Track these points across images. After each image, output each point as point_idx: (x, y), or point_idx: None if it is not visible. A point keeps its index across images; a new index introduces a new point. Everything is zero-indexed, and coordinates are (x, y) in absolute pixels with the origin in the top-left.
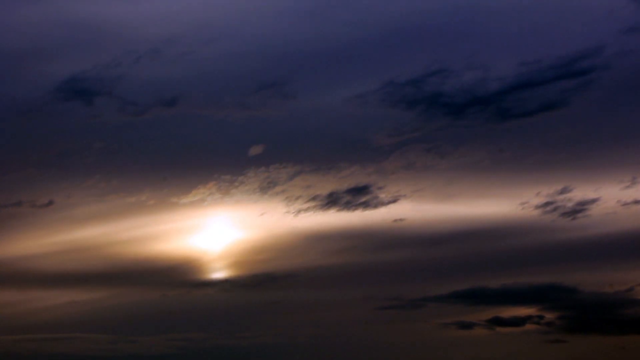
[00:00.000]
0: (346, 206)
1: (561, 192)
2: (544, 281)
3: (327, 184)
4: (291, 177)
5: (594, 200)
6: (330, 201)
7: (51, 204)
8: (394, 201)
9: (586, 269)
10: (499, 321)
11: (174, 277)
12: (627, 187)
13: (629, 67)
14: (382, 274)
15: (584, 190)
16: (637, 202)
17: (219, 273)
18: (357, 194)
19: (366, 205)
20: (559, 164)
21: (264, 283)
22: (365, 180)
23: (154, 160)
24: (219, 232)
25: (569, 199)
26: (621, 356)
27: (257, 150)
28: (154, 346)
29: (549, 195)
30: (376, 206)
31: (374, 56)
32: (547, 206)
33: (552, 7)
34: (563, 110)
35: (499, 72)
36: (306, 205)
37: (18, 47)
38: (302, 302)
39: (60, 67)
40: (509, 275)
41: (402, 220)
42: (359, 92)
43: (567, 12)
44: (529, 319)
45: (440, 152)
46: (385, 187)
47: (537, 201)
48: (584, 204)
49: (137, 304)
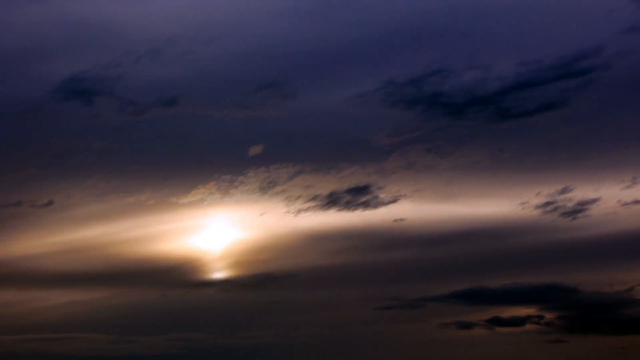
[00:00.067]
0: (346, 206)
1: (561, 192)
2: (544, 281)
3: (327, 184)
4: (291, 177)
5: (594, 200)
6: (330, 201)
7: (51, 204)
8: (394, 201)
9: (586, 269)
10: (498, 321)
11: (174, 277)
12: (627, 187)
13: (629, 67)
14: (382, 274)
15: (584, 190)
16: (638, 202)
17: (219, 273)
18: (357, 194)
19: (366, 205)
20: (559, 164)
21: (264, 283)
22: (365, 180)
23: (154, 160)
24: (219, 232)
25: (569, 199)
26: (621, 356)
27: (257, 150)
28: (154, 346)
29: (549, 195)
30: (376, 206)
31: (373, 56)
32: (547, 206)
33: (552, 7)
34: (563, 110)
35: (498, 72)
36: (306, 205)
37: (18, 47)
38: (302, 302)
39: (60, 67)
40: (509, 275)
41: (402, 220)
42: (358, 92)
43: (567, 12)
44: (529, 319)
45: (440, 152)
46: (386, 187)
47: (537, 201)
48: (584, 204)
49: (137, 304)
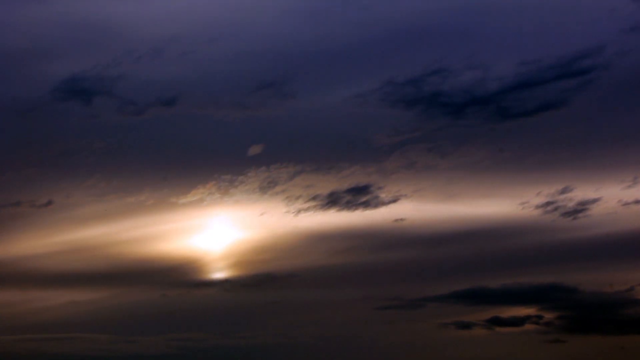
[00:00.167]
0: (347, 206)
1: (562, 192)
2: (544, 281)
3: (328, 184)
4: (291, 177)
5: (594, 200)
6: (330, 201)
7: (50, 203)
8: (395, 201)
9: (586, 269)
10: (498, 321)
11: (174, 277)
12: (628, 187)
13: (629, 66)
14: (382, 274)
15: (584, 190)
16: (638, 202)
17: (219, 273)
18: (357, 193)
19: (367, 205)
20: (560, 163)
21: (264, 283)
22: (365, 180)
23: (154, 160)
24: (219, 232)
25: (569, 199)
26: (621, 356)
27: (256, 150)
28: (154, 346)
29: (550, 195)
30: (377, 206)
31: (373, 56)
32: (547, 206)
33: (552, 7)
34: (563, 110)
35: (498, 71)
36: (306, 205)
37: (18, 47)
38: (302, 302)
39: (60, 67)
40: (509, 275)
41: (402, 220)
42: (358, 91)
43: (567, 12)
44: (528, 319)
45: (440, 152)
46: (386, 186)
47: (537, 201)
48: (585, 204)
49: (137, 304)
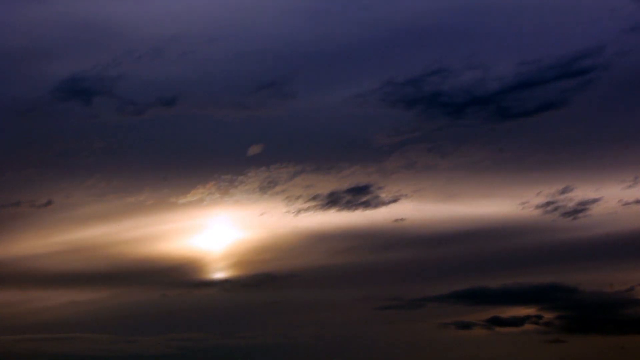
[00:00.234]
0: (347, 206)
1: (562, 192)
2: (544, 281)
3: (328, 184)
4: (291, 177)
5: (595, 200)
6: (330, 201)
7: (50, 203)
8: (395, 201)
9: (586, 269)
10: (498, 321)
11: (174, 277)
12: (628, 187)
13: (629, 66)
14: (382, 274)
15: (585, 190)
16: (639, 202)
17: (219, 273)
18: (357, 193)
19: (367, 205)
20: (560, 163)
21: (264, 283)
22: (365, 180)
23: (154, 160)
24: (219, 232)
25: (570, 199)
26: (621, 356)
27: (256, 150)
28: (154, 346)
29: (550, 195)
30: (377, 206)
31: (373, 56)
32: (547, 206)
33: (552, 7)
34: (563, 110)
35: (498, 71)
36: (306, 205)
37: (18, 47)
38: (302, 302)
39: (60, 67)
40: (509, 275)
41: (402, 220)
42: (358, 91)
43: (567, 12)
44: (528, 319)
45: (440, 152)
46: (386, 186)
47: (537, 201)
48: (585, 204)
49: (137, 304)
